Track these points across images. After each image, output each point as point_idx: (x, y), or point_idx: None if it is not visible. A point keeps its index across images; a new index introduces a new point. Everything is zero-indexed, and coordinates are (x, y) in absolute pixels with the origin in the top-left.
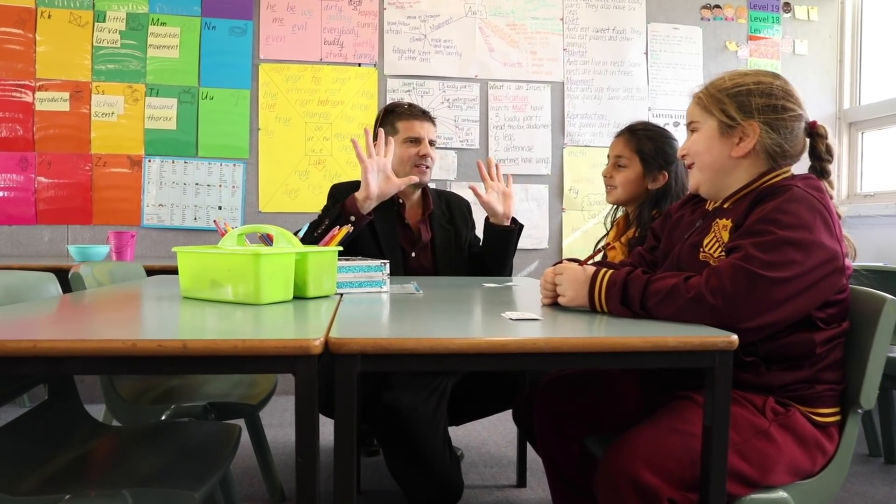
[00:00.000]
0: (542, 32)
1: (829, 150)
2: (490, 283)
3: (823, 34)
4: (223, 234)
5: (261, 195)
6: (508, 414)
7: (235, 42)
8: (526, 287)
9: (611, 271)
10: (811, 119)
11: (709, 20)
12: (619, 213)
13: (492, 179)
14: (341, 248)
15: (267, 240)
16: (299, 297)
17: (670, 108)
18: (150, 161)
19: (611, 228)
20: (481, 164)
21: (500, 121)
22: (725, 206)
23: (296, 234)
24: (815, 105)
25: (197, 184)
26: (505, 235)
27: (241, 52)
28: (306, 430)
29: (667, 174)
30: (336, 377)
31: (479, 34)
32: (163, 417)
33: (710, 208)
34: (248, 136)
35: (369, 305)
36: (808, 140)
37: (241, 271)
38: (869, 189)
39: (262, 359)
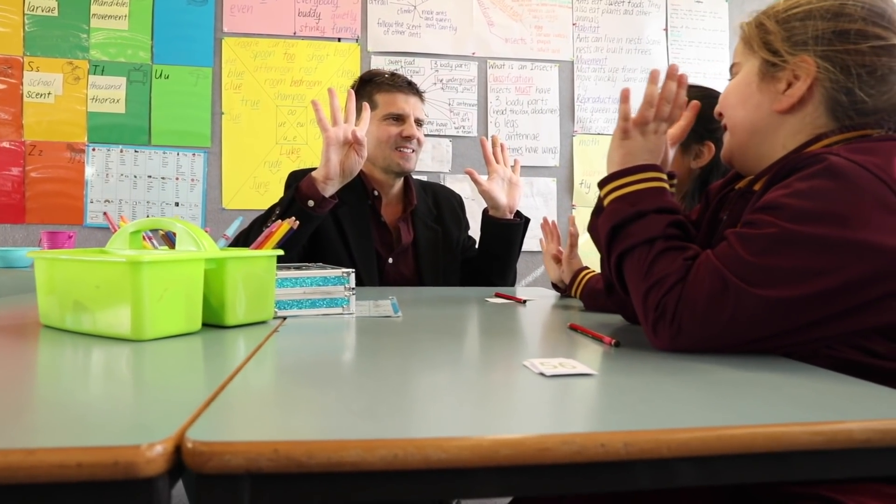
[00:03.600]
0: (549, 5)
1: None
2: (494, 300)
3: None
4: (115, 231)
5: (224, 189)
6: None
7: (195, 12)
8: (545, 303)
9: (653, 186)
10: None
11: None
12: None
13: (496, 162)
14: (281, 252)
15: (173, 239)
16: (215, 324)
17: None
18: (94, 150)
19: None
20: (485, 141)
21: (501, 105)
22: (756, 187)
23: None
24: None
25: (150, 176)
26: (508, 231)
27: (201, 24)
28: None
29: (712, 145)
30: None
31: (476, 6)
32: None
33: (739, 188)
34: (210, 122)
35: (315, 342)
36: None
37: (113, 288)
38: None
39: (32, 490)
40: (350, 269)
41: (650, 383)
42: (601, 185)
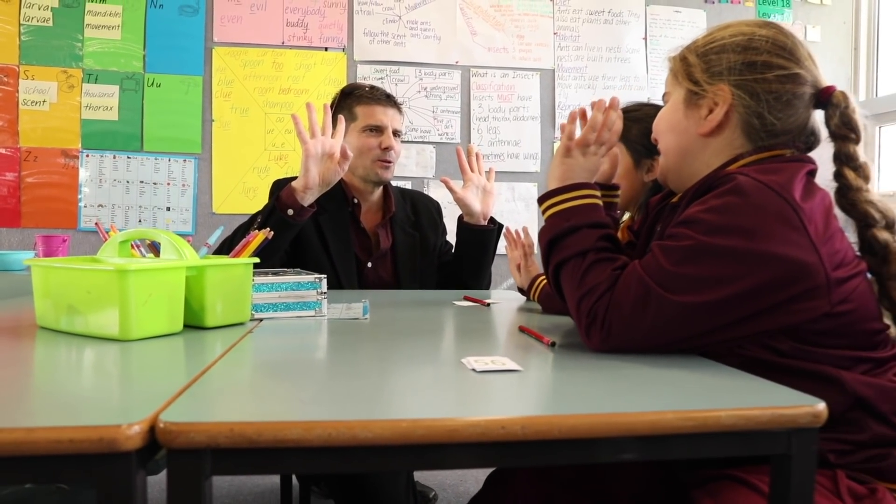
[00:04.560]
0: (531, 15)
1: (847, 124)
2: (461, 302)
3: (837, 20)
4: (105, 240)
5: (215, 194)
6: None
7: (186, 22)
8: (510, 306)
9: (586, 203)
10: (826, 83)
11: (713, 3)
12: (625, 218)
13: (471, 171)
14: (256, 260)
15: (158, 248)
16: (196, 326)
17: None
18: (87, 156)
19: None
20: (461, 150)
21: (484, 112)
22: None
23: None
24: None
25: (142, 182)
26: (481, 237)
27: (192, 34)
28: None
29: None
30: (169, 486)
31: (460, 16)
32: (28, 483)
33: (672, 202)
34: (201, 129)
35: (285, 341)
36: (815, 113)
37: (103, 294)
38: (888, 188)
39: (30, 462)
40: (322, 275)
41: (566, 377)
42: (541, 201)
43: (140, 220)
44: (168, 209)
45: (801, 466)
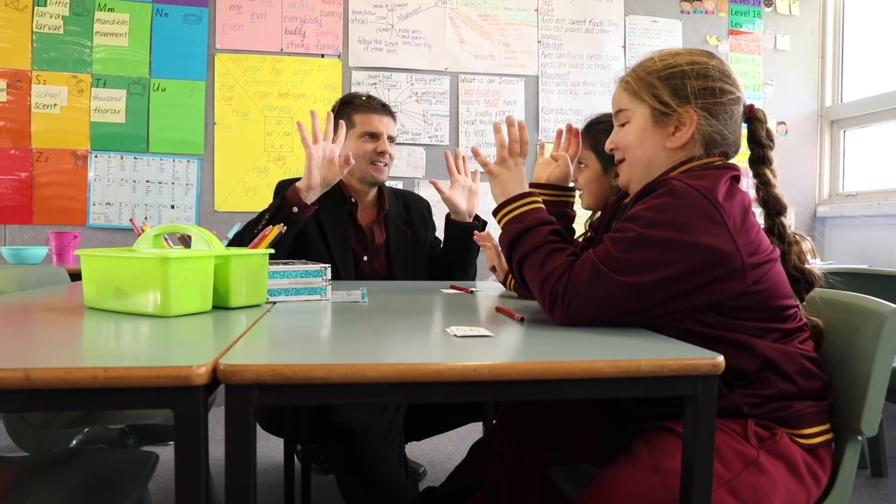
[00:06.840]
0: (516, 24)
1: (769, 135)
2: (448, 290)
3: (805, 29)
4: (139, 234)
5: (216, 193)
6: (477, 426)
7: (190, 30)
8: (491, 293)
9: (533, 207)
10: (748, 102)
11: (689, 13)
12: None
13: (458, 173)
14: (272, 251)
15: (188, 241)
16: (221, 306)
17: None
18: (96, 156)
19: (587, 232)
20: (448, 154)
21: (472, 116)
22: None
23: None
24: (796, 102)
25: (147, 181)
26: (467, 233)
27: (195, 41)
28: (191, 486)
29: None
30: (226, 412)
31: (449, 25)
32: (72, 444)
33: (625, 203)
34: (203, 131)
35: (299, 317)
36: (744, 126)
37: (147, 278)
38: (851, 189)
39: (128, 392)
40: (327, 265)
41: (527, 341)
42: (495, 213)
43: (146, 218)
44: (172, 207)
45: (705, 405)
